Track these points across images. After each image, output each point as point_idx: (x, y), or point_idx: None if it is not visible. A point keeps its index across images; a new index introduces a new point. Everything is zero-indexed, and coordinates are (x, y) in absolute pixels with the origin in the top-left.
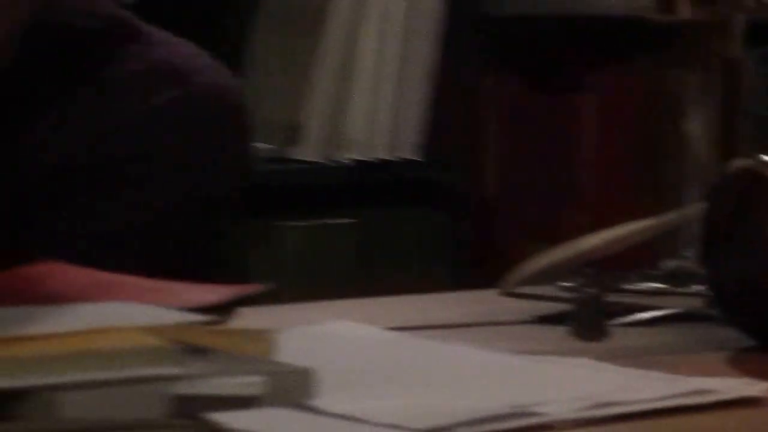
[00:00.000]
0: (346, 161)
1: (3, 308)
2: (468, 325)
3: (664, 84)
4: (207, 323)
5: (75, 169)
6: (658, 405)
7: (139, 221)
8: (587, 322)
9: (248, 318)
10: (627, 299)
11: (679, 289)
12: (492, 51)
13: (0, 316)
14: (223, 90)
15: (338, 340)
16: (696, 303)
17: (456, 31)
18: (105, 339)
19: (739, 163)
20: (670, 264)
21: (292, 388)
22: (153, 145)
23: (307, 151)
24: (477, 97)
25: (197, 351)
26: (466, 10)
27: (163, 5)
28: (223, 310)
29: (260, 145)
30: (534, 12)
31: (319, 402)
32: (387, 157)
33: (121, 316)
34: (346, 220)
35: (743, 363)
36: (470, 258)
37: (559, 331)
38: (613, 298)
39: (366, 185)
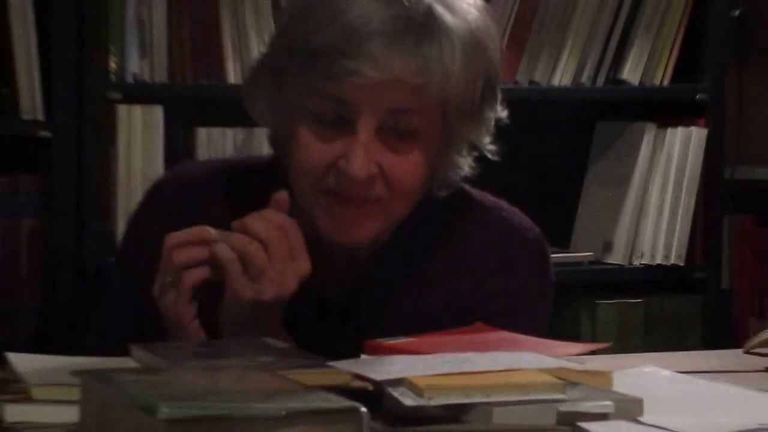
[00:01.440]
0: (639, 264)
1: (453, 354)
2: (723, 371)
3: None
4: (571, 367)
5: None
6: None
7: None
8: None
9: (586, 363)
10: None
11: None
12: (729, 197)
13: (449, 360)
14: (536, 240)
15: (650, 378)
16: None
17: (710, 183)
18: (517, 376)
19: None
20: None
21: (629, 410)
22: (498, 286)
23: (615, 257)
24: (720, 225)
25: (570, 383)
26: (713, 174)
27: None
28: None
29: (586, 253)
30: (762, 176)
31: (645, 418)
32: (664, 262)
33: (522, 360)
34: (637, 300)
35: None
36: (714, 329)
37: None
38: None
39: (650, 279)
